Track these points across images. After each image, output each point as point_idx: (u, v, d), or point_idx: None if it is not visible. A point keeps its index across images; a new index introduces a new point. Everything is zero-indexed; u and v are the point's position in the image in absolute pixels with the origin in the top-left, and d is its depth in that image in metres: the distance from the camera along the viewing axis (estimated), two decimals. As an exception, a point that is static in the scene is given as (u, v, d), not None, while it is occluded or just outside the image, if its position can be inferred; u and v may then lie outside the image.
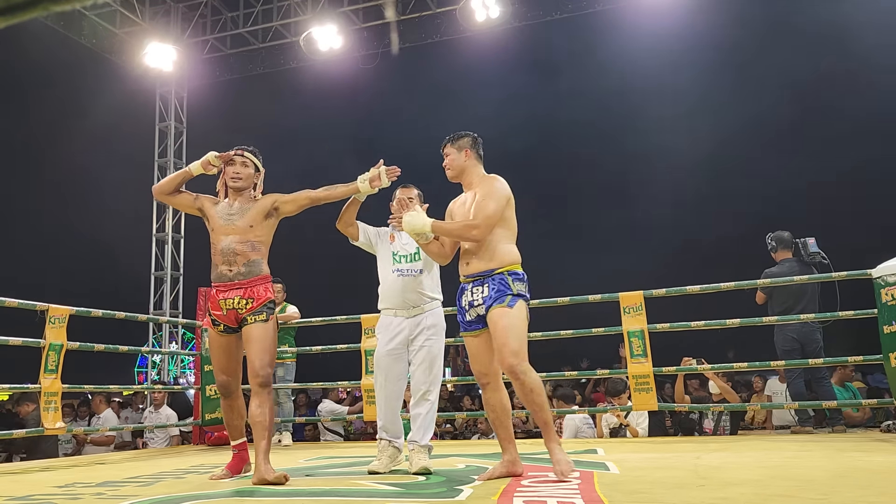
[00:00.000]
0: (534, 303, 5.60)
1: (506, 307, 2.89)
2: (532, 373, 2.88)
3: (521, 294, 2.95)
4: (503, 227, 3.02)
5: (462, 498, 2.41)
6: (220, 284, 3.24)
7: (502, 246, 3.00)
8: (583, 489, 2.49)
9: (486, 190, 3.03)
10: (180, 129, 9.87)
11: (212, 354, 3.38)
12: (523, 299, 2.95)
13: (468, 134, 3.20)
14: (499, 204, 2.98)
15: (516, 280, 2.97)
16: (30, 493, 2.96)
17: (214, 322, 3.26)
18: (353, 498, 2.54)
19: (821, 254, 5.34)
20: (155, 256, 9.42)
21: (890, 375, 4.49)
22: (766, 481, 2.65)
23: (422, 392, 3.53)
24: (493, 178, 3.11)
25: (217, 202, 3.35)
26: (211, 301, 3.26)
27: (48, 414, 4.73)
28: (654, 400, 5.17)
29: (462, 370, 23.30)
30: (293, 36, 9.19)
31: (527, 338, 2.96)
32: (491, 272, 2.98)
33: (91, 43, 9.21)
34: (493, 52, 11.91)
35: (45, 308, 4.76)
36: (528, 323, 3.00)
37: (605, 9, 8.74)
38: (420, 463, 3.33)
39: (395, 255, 3.64)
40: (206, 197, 3.38)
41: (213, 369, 3.40)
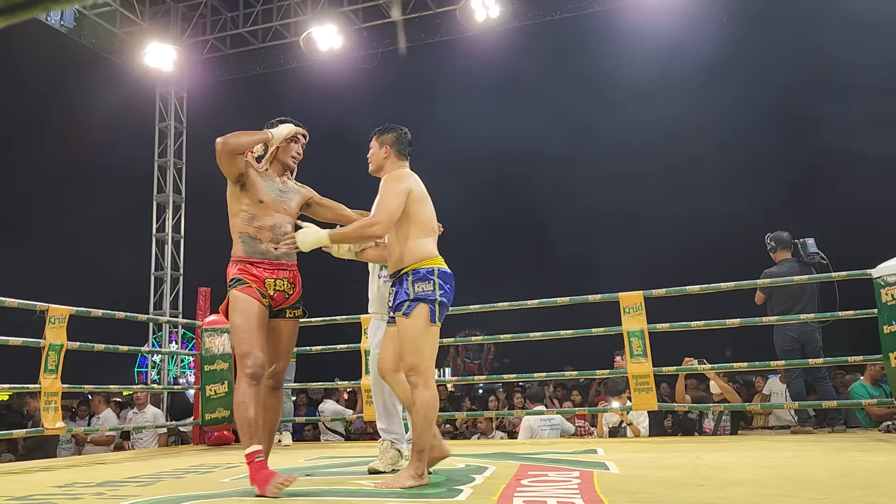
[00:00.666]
0: (533, 303, 5.64)
1: (402, 315, 2.78)
2: (427, 391, 2.73)
3: (421, 297, 2.77)
4: (409, 224, 2.85)
5: (462, 498, 2.41)
6: (264, 262, 2.87)
7: (410, 243, 2.84)
8: (583, 489, 2.49)
9: (382, 187, 2.90)
10: (180, 129, 9.86)
11: (250, 329, 2.78)
12: (426, 301, 2.77)
13: (396, 129, 3.06)
14: (396, 199, 2.81)
15: (417, 280, 2.79)
16: (30, 493, 2.96)
17: (262, 294, 2.83)
18: (353, 498, 2.54)
19: (820, 254, 5.34)
20: (155, 256, 9.42)
21: (890, 375, 4.49)
22: (765, 481, 2.65)
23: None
24: (392, 174, 2.94)
25: (260, 174, 2.94)
26: (248, 275, 2.83)
27: (48, 414, 4.73)
28: (654, 400, 5.17)
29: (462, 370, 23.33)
30: (293, 36, 9.18)
31: (430, 345, 2.77)
32: (398, 273, 2.87)
33: (91, 43, 9.20)
34: (493, 52, 11.92)
35: (45, 308, 4.76)
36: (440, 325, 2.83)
37: (606, 9, 8.73)
38: None
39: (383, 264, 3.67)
40: (249, 164, 2.94)
41: (247, 346, 2.74)
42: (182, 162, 9.78)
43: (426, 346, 2.76)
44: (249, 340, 2.75)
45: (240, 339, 2.76)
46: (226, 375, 6.14)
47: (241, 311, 2.78)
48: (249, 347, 2.73)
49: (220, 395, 6.08)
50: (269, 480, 2.53)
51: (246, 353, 2.71)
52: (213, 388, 6.07)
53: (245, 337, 2.75)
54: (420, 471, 2.69)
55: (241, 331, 2.76)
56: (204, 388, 6.08)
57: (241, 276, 2.83)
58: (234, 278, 2.83)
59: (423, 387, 2.73)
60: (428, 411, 2.71)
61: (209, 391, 6.07)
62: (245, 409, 2.67)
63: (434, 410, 2.75)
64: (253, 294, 2.81)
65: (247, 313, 2.78)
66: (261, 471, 2.58)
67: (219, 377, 6.11)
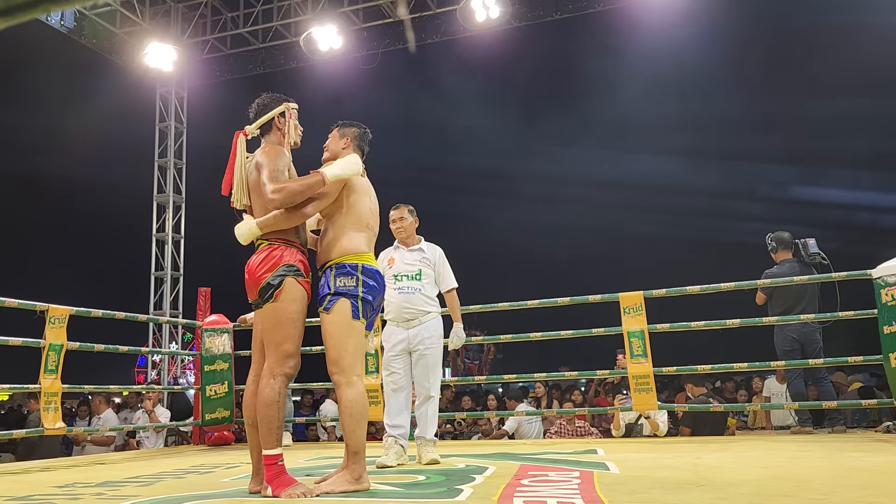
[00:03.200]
0: (534, 303, 5.64)
1: (322, 310, 2.73)
2: (350, 389, 2.65)
3: (342, 291, 2.70)
4: (343, 216, 2.82)
5: (462, 498, 2.41)
6: (305, 251, 2.81)
7: (340, 236, 2.79)
8: (583, 489, 2.49)
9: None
10: (180, 129, 9.86)
11: (300, 328, 2.66)
12: (347, 296, 2.69)
13: (360, 126, 3.08)
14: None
15: (340, 274, 2.73)
16: (30, 493, 2.96)
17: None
18: (352, 498, 2.54)
19: (821, 254, 5.34)
20: (155, 256, 9.42)
21: (890, 375, 4.49)
22: (765, 481, 2.65)
23: (424, 394, 3.91)
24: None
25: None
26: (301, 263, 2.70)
27: (48, 414, 4.73)
28: (654, 400, 5.17)
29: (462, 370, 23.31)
30: (293, 36, 9.19)
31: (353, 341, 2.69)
32: (323, 266, 2.82)
33: (91, 43, 9.20)
34: (493, 53, 11.92)
35: (45, 308, 4.76)
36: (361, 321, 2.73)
37: (606, 9, 8.74)
38: (429, 455, 3.66)
39: (396, 276, 3.94)
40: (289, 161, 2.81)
41: (293, 346, 2.63)
42: (182, 162, 9.78)
43: (349, 342, 2.69)
44: (297, 341, 2.65)
45: (288, 335, 2.61)
46: (226, 376, 6.14)
47: (300, 307, 2.65)
48: (295, 348, 2.64)
49: (220, 396, 6.08)
50: (288, 486, 2.49)
51: (291, 354, 2.62)
52: (213, 389, 6.08)
53: (294, 334, 2.63)
54: (357, 474, 2.62)
55: (296, 327, 2.63)
56: (204, 388, 6.08)
57: (298, 266, 2.68)
58: (292, 265, 2.66)
59: (346, 385, 2.66)
60: (353, 409, 2.64)
61: (209, 391, 6.07)
62: (277, 408, 2.57)
63: (362, 407, 2.66)
64: (308, 290, 2.70)
65: (303, 311, 2.68)
66: (282, 475, 2.54)
67: (219, 377, 6.11)
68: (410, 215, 4.08)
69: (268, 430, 2.55)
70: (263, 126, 2.87)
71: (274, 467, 2.53)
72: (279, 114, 2.87)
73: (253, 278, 2.67)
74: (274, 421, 2.56)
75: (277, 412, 2.57)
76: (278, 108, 2.87)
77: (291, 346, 2.62)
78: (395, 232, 4.07)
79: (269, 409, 2.56)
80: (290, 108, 2.90)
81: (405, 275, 3.95)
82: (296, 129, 2.90)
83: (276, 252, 2.67)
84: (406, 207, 4.11)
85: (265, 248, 2.69)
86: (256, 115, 2.89)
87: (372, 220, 2.92)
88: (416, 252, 4.00)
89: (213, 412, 6.04)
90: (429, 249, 4.07)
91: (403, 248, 4.05)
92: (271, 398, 2.57)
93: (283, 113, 2.88)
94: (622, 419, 5.90)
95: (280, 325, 2.61)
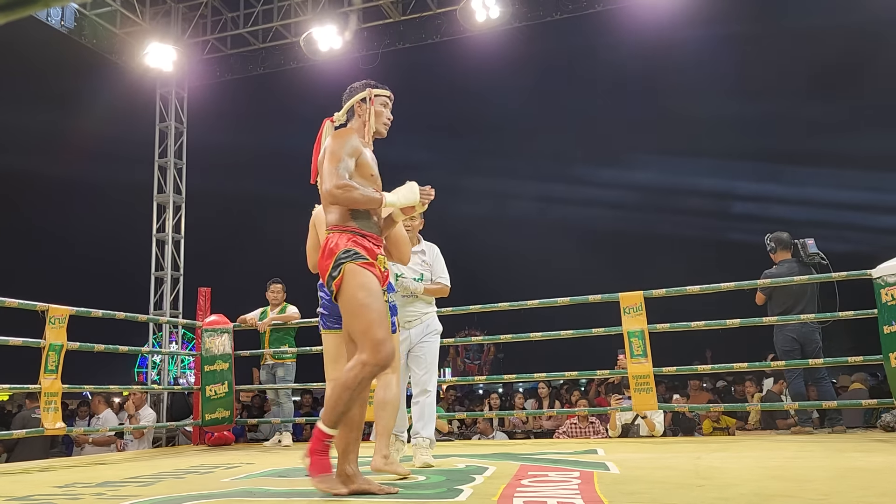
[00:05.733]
0: (534, 303, 5.64)
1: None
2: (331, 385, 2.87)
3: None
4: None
5: (462, 498, 2.41)
6: (373, 236, 2.64)
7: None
8: (583, 489, 2.49)
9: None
10: (180, 129, 9.86)
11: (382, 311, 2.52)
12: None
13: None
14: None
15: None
16: (30, 493, 2.96)
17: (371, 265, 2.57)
18: (352, 498, 2.54)
19: (820, 254, 5.34)
20: (155, 256, 9.41)
21: (890, 375, 4.49)
22: (765, 481, 2.65)
23: (421, 388, 3.92)
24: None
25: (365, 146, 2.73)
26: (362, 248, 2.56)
27: (48, 414, 4.72)
28: (654, 400, 5.17)
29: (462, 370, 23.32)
30: (293, 36, 9.18)
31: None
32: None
33: (91, 43, 9.19)
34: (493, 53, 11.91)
35: (45, 308, 4.76)
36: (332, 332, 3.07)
37: (606, 9, 8.73)
38: (423, 459, 3.61)
39: (398, 276, 3.94)
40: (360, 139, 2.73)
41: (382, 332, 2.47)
42: (182, 162, 9.77)
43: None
44: (384, 325, 2.48)
45: (372, 321, 2.45)
46: (226, 376, 6.14)
47: (372, 290, 2.49)
48: (385, 334, 2.46)
49: (220, 396, 6.08)
50: (323, 472, 2.39)
51: (381, 340, 2.44)
52: (213, 389, 6.08)
53: (379, 319, 2.46)
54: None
55: (374, 311, 2.46)
56: (204, 388, 6.08)
57: (357, 249, 2.53)
58: (348, 250, 2.52)
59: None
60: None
61: (209, 391, 6.07)
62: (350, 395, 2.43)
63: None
64: (375, 272, 2.54)
65: (377, 292, 2.51)
66: (323, 457, 2.42)
67: (219, 377, 6.11)
68: (419, 216, 4.05)
69: (332, 408, 2.43)
70: (348, 114, 2.79)
71: (320, 443, 2.43)
72: (360, 100, 2.77)
73: (323, 277, 2.59)
74: (342, 404, 2.43)
75: (349, 399, 2.44)
76: (361, 93, 2.78)
77: (379, 331, 2.45)
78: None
79: (344, 392, 2.43)
80: (374, 95, 2.78)
81: (407, 278, 3.97)
82: (378, 118, 2.77)
83: (330, 240, 2.56)
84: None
85: (325, 241, 2.59)
86: (343, 101, 2.81)
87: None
88: (417, 255, 4.02)
89: (213, 412, 6.04)
90: (428, 250, 4.12)
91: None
92: (350, 384, 2.44)
93: (364, 99, 2.77)
94: (618, 419, 5.90)
95: (356, 314, 2.48)
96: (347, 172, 2.55)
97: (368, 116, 2.76)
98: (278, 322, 6.26)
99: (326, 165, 2.56)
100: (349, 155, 2.59)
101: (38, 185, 23.04)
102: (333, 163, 2.55)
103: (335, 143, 2.60)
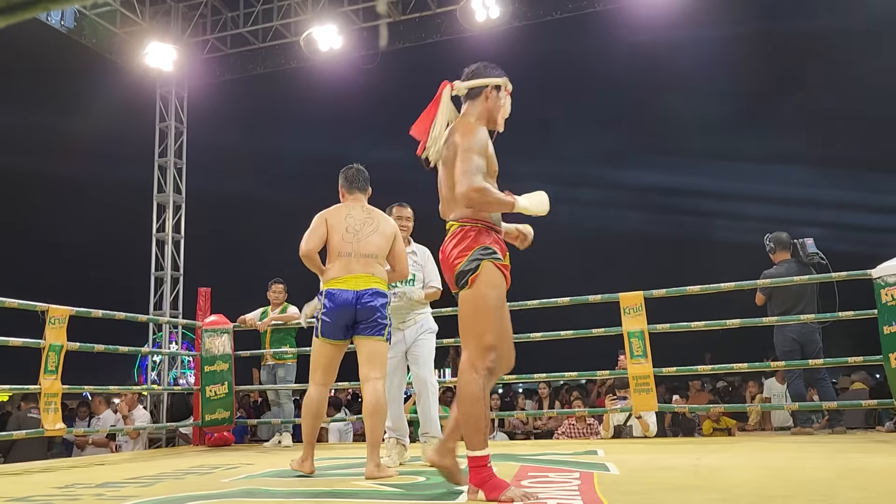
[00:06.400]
0: (534, 303, 5.63)
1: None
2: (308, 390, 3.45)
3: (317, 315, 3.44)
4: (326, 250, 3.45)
5: (462, 499, 2.41)
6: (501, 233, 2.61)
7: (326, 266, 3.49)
8: (583, 490, 2.49)
9: None
10: (180, 129, 9.85)
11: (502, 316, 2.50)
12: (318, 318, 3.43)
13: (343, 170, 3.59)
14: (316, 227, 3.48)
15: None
16: (30, 493, 2.96)
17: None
18: (353, 499, 2.54)
19: (819, 254, 5.34)
20: (155, 256, 9.41)
21: (890, 375, 4.49)
22: (765, 482, 2.65)
23: (424, 388, 3.99)
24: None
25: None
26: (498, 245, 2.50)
27: (48, 415, 4.72)
28: (654, 400, 5.16)
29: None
30: (293, 36, 9.17)
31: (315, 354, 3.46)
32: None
33: (91, 43, 9.19)
34: (493, 52, 11.91)
35: (45, 308, 4.75)
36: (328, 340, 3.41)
37: (606, 9, 8.73)
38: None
39: (392, 287, 3.93)
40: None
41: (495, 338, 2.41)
42: (182, 162, 9.76)
43: (314, 355, 3.42)
44: (497, 331, 2.42)
45: (490, 324, 2.39)
46: (226, 376, 6.13)
47: (501, 294, 2.44)
48: (497, 340, 2.41)
49: (220, 396, 6.07)
50: (503, 489, 2.26)
51: (492, 346, 2.38)
52: (213, 389, 6.07)
53: (496, 324, 2.41)
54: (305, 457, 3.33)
55: (496, 316, 2.42)
56: (204, 388, 6.08)
57: (495, 249, 2.46)
58: (488, 247, 2.44)
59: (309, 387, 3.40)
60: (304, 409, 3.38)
61: (209, 392, 6.06)
62: (482, 405, 2.35)
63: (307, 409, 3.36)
64: (507, 276, 2.47)
65: (503, 297, 2.46)
66: (493, 478, 2.32)
67: (219, 378, 6.10)
68: (413, 217, 4.14)
69: (475, 430, 2.32)
70: (472, 91, 2.60)
71: (482, 469, 2.32)
72: (495, 86, 2.60)
73: (447, 265, 2.48)
74: (481, 419, 2.34)
75: (483, 409, 2.35)
76: (497, 79, 2.61)
77: (492, 337, 2.38)
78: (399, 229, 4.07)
79: (474, 406, 2.33)
80: (507, 86, 2.64)
81: (402, 281, 3.97)
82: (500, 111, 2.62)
83: (469, 233, 2.45)
84: (410, 208, 4.20)
85: (457, 231, 2.48)
86: (470, 77, 2.62)
87: (344, 247, 3.37)
88: (408, 256, 4.02)
89: (212, 413, 6.03)
90: (420, 252, 4.15)
91: None
92: (476, 394, 2.33)
93: (499, 87, 2.61)
94: (611, 420, 5.88)
95: (479, 313, 2.39)
96: (480, 173, 2.44)
97: (501, 106, 2.61)
98: (278, 322, 6.26)
99: (460, 165, 2.45)
100: (479, 154, 2.47)
101: (38, 185, 23.03)
102: (467, 163, 2.44)
103: (467, 140, 2.48)
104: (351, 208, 3.48)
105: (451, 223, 2.53)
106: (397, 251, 3.51)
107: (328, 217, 3.43)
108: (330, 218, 3.42)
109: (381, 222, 3.49)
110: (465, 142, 2.47)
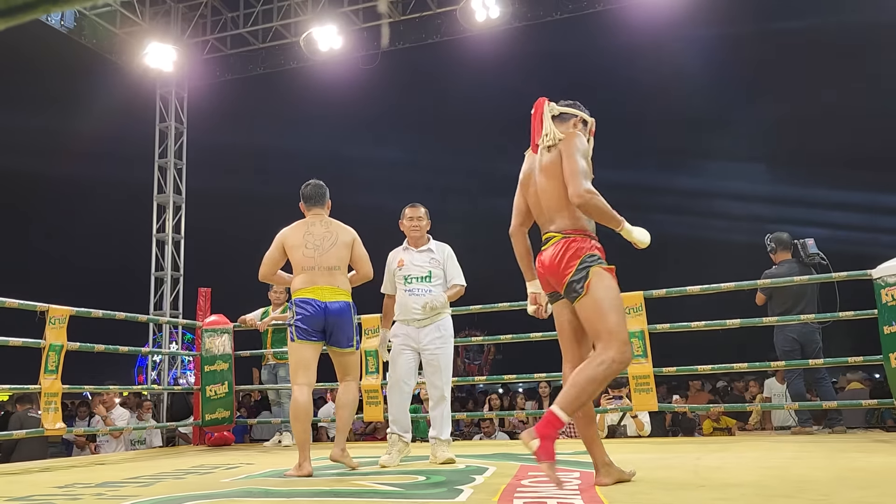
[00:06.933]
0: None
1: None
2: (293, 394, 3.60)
3: (290, 322, 3.63)
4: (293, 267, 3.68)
5: (462, 498, 2.41)
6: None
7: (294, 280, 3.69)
8: (583, 489, 2.49)
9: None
10: (180, 130, 9.85)
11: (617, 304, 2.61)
12: (290, 325, 3.62)
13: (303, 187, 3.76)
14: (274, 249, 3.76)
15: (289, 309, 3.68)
16: (30, 493, 2.96)
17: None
18: (353, 498, 2.54)
19: (820, 254, 5.34)
20: (155, 257, 9.41)
21: (890, 375, 4.49)
22: (766, 482, 2.65)
23: (437, 395, 3.94)
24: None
25: None
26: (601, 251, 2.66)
27: (48, 415, 4.72)
28: (654, 400, 5.16)
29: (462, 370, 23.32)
30: (293, 36, 9.17)
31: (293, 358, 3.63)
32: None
33: (91, 43, 9.19)
34: (493, 53, 11.92)
35: (45, 308, 4.76)
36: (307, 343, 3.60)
37: (606, 9, 8.73)
38: (445, 455, 3.72)
39: (406, 277, 3.98)
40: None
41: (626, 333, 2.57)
42: (182, 162, 9.77)
43: (292, 358, 3.59)
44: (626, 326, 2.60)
45: (620, 321, 2.53)
46: (226, 376, 6.13)
47: (618, 292, 2.58)
48: (627, 336, 2.54)
49: (220, 396, 6.08)
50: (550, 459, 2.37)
51: (627, 340, 2.52)
52: (213, 389, 6.07)
53: (624, 321, 2.58)
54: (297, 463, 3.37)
55: (622, 312, 2.57)
56: (204, 388, 6.08)
57: (599, 255, 2.60)
58: (593, 254, 2.58)
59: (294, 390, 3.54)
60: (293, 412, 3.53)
61: (209, 392, 6.06)
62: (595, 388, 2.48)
63: (295, 414, 3.51)
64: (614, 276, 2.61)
65: (621, 296, 2.61)
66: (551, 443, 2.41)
67: (219, 377, 6.10)
68: (426, 216, 4.09)
69: (576, 398, 2.44)
70: (563, 115, 2.77)
71: (553, 430, 2.42)
72: (583, 120, 2.79)
73: (556, 274, 2.59)
74: (586, 396, 2.47)
75: (594, 392, 2.49)
76: (587, 116, 2.82)
77: (625, 332, 2.54)
78: (410, 230, 4.04)
79: (591, 384, 2.46)
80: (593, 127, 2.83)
81: (415, 277, 3.95)
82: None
83: (573, 245, 2.58)
84: (423, 208, 4.11)
85: (561, 241, 2.60)
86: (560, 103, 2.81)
87: (306, 262, 3.57)
88: (424, 253, 4.00)
89: (213, 412, 6.04)
90: (437, 249, 4.06)
91: (413, 249, 4.04)
92: (599, 378, 2.46)
93: (585, 122, 2.80)
94: (605, 420, 5.88)
95: (605, 314, 2.52)
96: (588, 178, 2.58)
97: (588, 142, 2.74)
98: (279, 322, 6.26)
99: (569, 166, 2.57)
100: (585, 157, 2.62)
101: (38, 185, 23.03)
102: (576, 164, 2.56)
103: (571, 144, 2.61)
104: (310, 224, 3.68)
105: (552, 234, 2.64)
106: (357, 255, 3.70)
107: (287, 237, 3.66)
108: (289, 237, 3.65)
109: (339, 234, 3.68)
110: (571, 146, 2.60)
